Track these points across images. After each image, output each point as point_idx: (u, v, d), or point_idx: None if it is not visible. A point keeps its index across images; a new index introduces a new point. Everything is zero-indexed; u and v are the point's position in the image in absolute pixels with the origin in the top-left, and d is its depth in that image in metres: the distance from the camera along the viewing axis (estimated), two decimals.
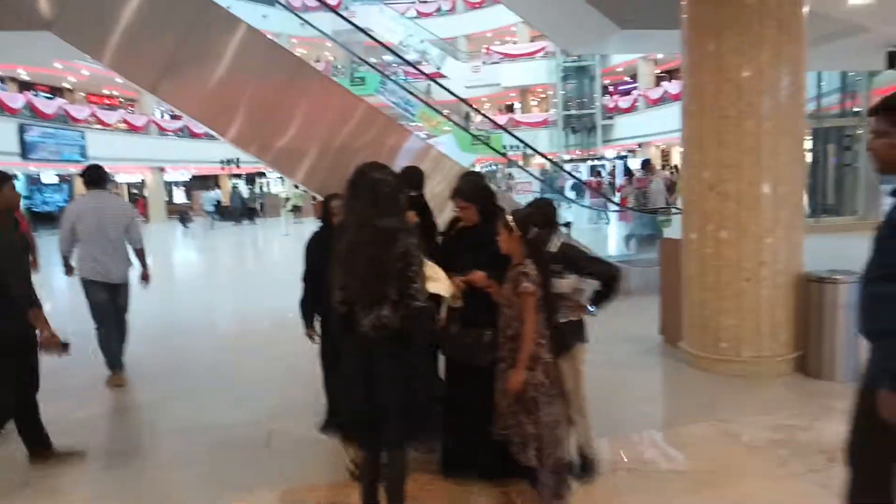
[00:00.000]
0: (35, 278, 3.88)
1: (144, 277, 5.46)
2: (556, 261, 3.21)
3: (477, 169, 11.39)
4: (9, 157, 19.75)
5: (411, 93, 20.96)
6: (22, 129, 19.98)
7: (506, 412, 3.03)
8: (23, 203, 14.45)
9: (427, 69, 35.34)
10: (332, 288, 2.67)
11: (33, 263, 5.64)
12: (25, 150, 20.09)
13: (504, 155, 18.11)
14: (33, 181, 24.75)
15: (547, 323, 3.02)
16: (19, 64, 18.87)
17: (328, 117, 6.75)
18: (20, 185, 26.50)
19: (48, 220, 21.23)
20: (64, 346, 3.55)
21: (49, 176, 25.45)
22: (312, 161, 6.60)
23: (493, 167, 30.79)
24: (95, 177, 5.25)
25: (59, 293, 9.89)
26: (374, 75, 34.10)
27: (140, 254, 5.39)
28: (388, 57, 38.48)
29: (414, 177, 3.84)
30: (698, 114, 4.90)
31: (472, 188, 3.33)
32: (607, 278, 3.24)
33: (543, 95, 36.72)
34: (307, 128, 6.62)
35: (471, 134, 32.18)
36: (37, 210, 23.17)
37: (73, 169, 24.50)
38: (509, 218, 3.02)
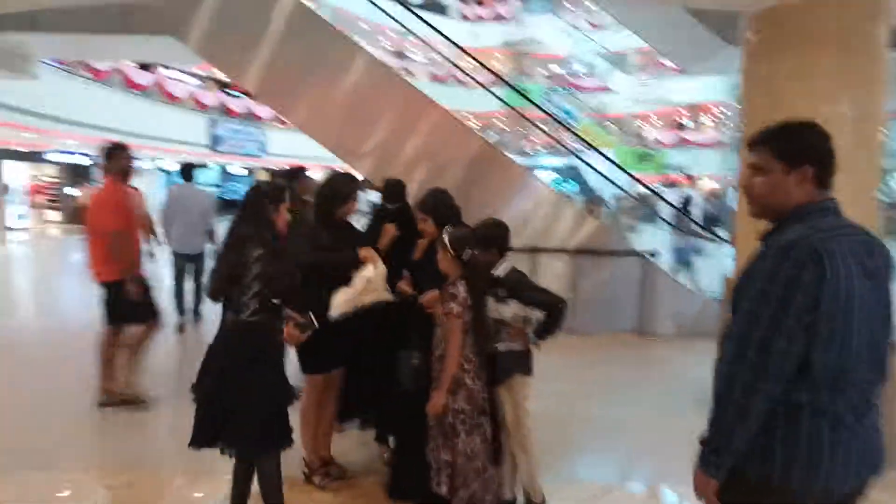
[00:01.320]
0: None
1: None
2: (500, 285, 3.14)
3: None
4: (199, 148, 22.58)
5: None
6: (212, 124, 22.77)
7: (431, 435, 3.03)
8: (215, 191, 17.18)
9: (593, 83, 34.75)
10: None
11: None
12: (214, 143, 22.84)
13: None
14: (224, 172, 28.20)
15: (476, 348, 2.98)
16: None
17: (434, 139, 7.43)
18: (215, 175, 30.27)
19: (235, 206, 23.86)
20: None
21: (236, 168, 28.77)
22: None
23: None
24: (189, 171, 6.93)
25: None
26: (539, 86, 34.25)
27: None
28: (556, 67, 38.54)
29: (394, 188, 3.91)
30: None
31: (431, 201, 3.38)
32: (550, 308, 3.10)
33: (717, 113, 34.36)
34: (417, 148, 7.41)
35: (647, 150, 31.07)
36: (226, 197, 26.18)
37: (254, 162, 27.46)
38: (445, 237, 3.02)
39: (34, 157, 20.37)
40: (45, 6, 5.99)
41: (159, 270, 6.75)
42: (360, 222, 3.93)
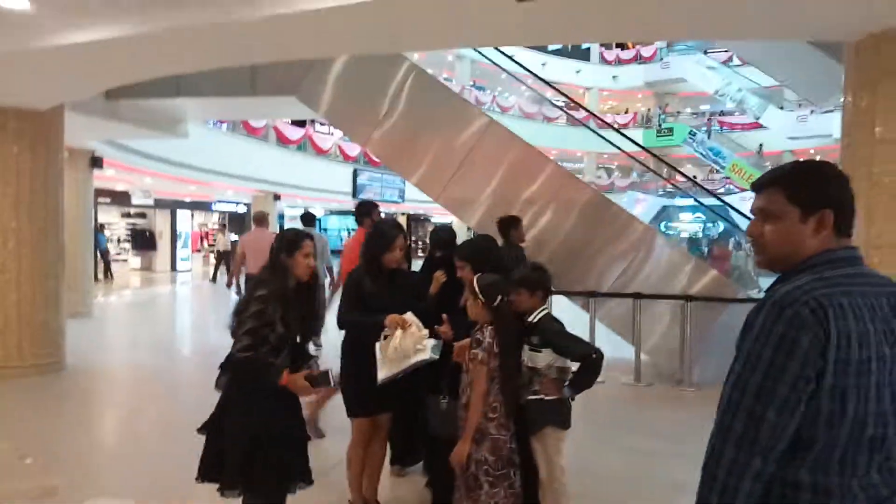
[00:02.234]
0: None
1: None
2: (534, 333, 3.05)
3: None
4: (343, 196, 24.18)
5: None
6: (355, 174, 24.28)
7: (456, 485, 2.97)
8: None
9: (743, 119, 32.80)
10: None
11: None
12: (356, 191, 24.31)
13: None
14: None
15: (505, 397, 2.89)
16: None
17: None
18: None
19: None
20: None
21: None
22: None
23: None
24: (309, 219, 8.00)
25: None
26: (683, 126, 32.92)
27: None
28: (705, 107, 36.86)
29: (443, 236, 3.96)
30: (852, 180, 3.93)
31: (469, 248, 3.39)
32: (583, 359, 2.94)
33: None
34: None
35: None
36: None
37: (394, 208, 28.82)
38: (475, 283, 2.99)
39: (201, 206, 22.87)
40: (185, 71, 6.78)
41: None
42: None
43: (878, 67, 3.76)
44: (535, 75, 9.87)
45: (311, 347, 7.45)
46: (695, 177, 17.16)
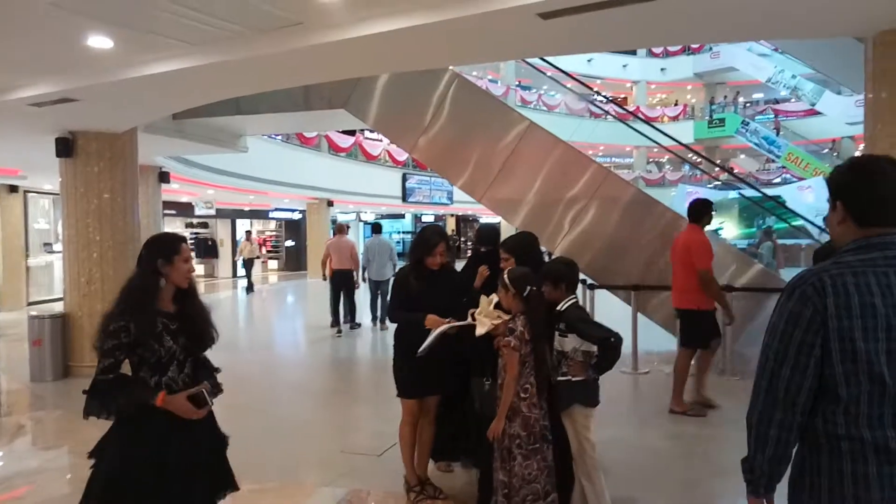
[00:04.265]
0: None
1: None
2: (561, 320, 3.37)
3: None
4: (394, 200, 24.75)
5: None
6: (404, 178, 24.82)
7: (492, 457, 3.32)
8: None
9: (798, 107, 31.88)
10: None
11: None
12: (405, 195, 24.85)
13: None
14: (417, 219, 30.51)
15: (538, 380, 3.23)
16: None
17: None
18: (409, 223, 32.60)
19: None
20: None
21: (428, 217, 31.06)
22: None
23: None
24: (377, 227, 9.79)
25: None
26: (735, 116, 32.23)
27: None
28: (759, 95, 35.96)
29: (486, 233, 4.31)
30: None
31: (515, 242, 3.73)
32: (601, 343, 3.24)
33: None
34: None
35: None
36: None
37: (443, 210, 29.29)
38: (505, 276, 3.34)
39: (259, 214, 23.81)
40: (245, 94, 7.35)
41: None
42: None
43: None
44: (572, 75, 10.12)
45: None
46: (732, 168, 17.13)
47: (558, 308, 3.38)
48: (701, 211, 5.79)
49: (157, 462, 2.39)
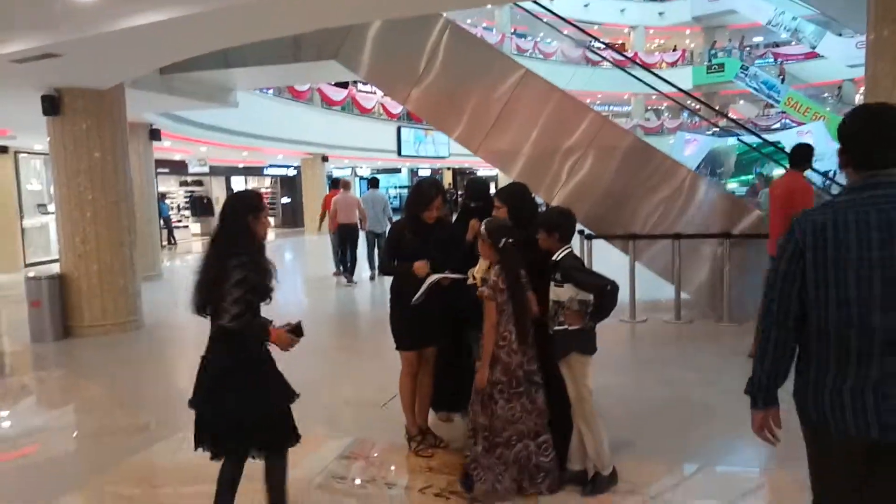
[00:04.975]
0: None
1: None
2: (556, 270, 3.36)
3: None
4: (389, 154, 24.54)
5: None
6: (399, 131, 24.54)
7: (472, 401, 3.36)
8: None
9: (799, 50, 31.32)
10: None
11: None
12: (400, 148, 24.62)
13: None
14: (413, 174, 30.28)
15: (517, 327, 3.24)
16: None
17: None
18: (405, 177, 32.41)
19: None
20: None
21: (424, 170, 30.88)
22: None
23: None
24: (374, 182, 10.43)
25: None
26: (735, 61, 31.66)
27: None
28: (759, 38, 35.24)
29: (477, 187, 4.23)
30: None
31: (509, 192, 3.69)
32: (597, 291, 3.23)
33: None
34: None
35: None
36: None
37: (440, 164, 29.07)
38: (482, 227, 3.33)
39: (254, 171, 23.60)
40: (233, 44, 7.15)
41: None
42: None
43: None
44: (570, 21, 9.83)
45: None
46: (727, 116, 16.93)
47: (553, 258, 3.36)
48: (803, 156, 5.62)
49: (267, 405, 2.74)
